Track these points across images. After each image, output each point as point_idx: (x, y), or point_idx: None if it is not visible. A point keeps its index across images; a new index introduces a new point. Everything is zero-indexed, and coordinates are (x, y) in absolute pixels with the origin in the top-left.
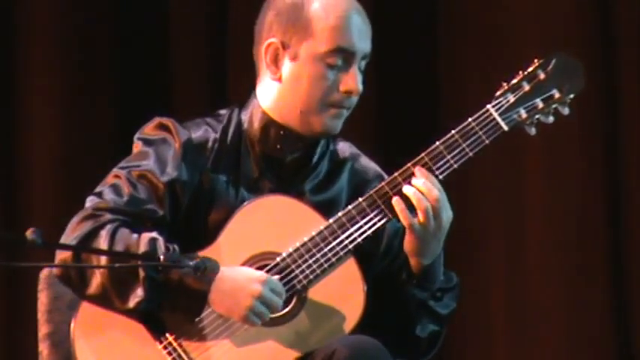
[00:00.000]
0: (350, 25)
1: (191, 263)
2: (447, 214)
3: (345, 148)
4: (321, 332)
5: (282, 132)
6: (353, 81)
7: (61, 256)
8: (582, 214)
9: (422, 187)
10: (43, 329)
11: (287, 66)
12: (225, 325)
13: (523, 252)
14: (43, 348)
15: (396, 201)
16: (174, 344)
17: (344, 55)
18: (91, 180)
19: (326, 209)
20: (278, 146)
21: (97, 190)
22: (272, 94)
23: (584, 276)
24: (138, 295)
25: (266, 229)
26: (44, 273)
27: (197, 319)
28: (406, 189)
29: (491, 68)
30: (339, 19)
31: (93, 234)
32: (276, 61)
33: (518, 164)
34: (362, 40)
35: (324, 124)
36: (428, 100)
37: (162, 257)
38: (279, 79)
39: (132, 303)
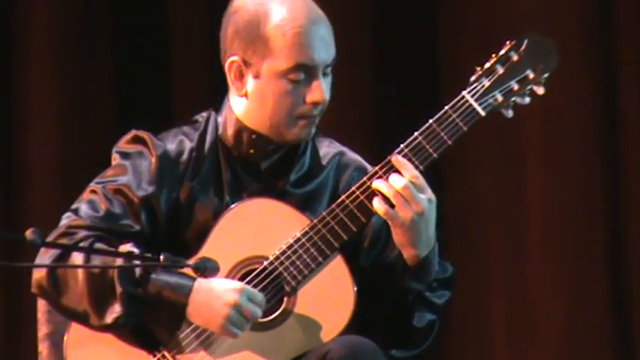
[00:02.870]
0: (308, 39)
1: (191, 263)
2: (428, 200)
3: (327, 144)
4: (313, 333)
5: (253, 136)
6: (319, 92)
7: (37, 275)
8: (582, 214)
9: (391, 179)
10: (43, 329)
11: (251, 83)
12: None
13: (523, 252)
14: (43, 348)
15: (375, 199)
16: (168, 356)
17: (305, 69)
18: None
19: (307, 203)
20: (251, 151)
21: (74, 206)
22: (242, 107)
23: (585, 275)
24: (115, 310)
25: (251, 233)
26: None
27: (190, 328)
28: (377, 183)
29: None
30: (296, 35)
31: (67, 252)
32: (240, 78)
33: (518, 164)
34: (323, 50)
35: (295, 135)
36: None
37: (162, 257)
38: (246, 96)
39: (109, 319)
